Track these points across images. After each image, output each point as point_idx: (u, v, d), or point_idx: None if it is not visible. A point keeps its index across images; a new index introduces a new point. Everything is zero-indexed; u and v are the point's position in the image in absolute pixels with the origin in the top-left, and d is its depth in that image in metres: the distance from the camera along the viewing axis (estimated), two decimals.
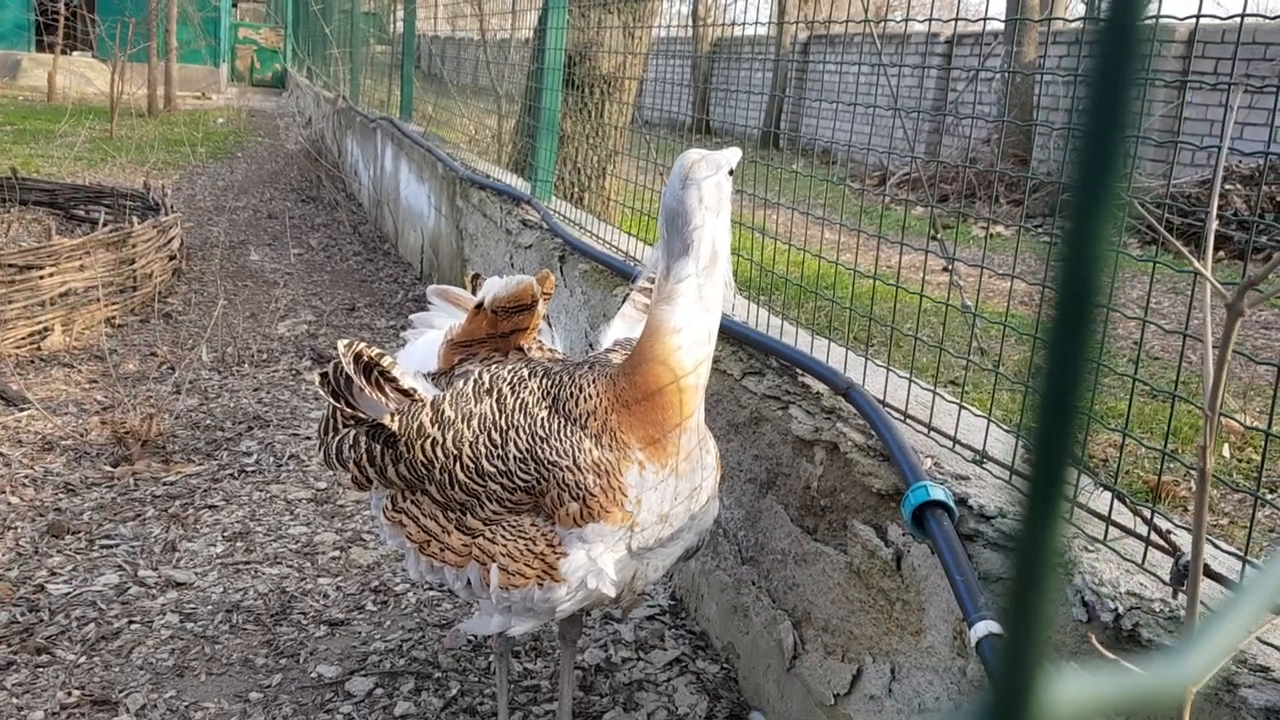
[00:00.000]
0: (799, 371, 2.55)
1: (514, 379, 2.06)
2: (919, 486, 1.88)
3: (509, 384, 2.05)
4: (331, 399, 2.14)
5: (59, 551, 3.16)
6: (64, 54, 17.45)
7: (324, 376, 2.17)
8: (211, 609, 2.91)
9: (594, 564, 1.96)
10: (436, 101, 9.49)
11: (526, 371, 2.08)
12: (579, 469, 1.92)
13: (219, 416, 4.31)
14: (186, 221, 7.58)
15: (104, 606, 2.88)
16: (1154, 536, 1.64)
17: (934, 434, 2.18)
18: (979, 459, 2.07)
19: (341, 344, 2.13)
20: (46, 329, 4.95)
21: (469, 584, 2.04)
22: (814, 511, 2.34)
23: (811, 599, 2.32)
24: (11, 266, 4.79)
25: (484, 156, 7.19)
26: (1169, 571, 1.58)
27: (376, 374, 2.11)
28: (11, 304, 4.78)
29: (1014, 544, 0.35)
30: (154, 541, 3.25)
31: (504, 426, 1.99)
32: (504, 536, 1.99)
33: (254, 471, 3.81)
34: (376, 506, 2.20)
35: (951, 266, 2.19)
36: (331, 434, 2.18)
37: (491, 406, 2.02)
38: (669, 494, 1.97)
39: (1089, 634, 1.48)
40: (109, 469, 3.74)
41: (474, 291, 2.47)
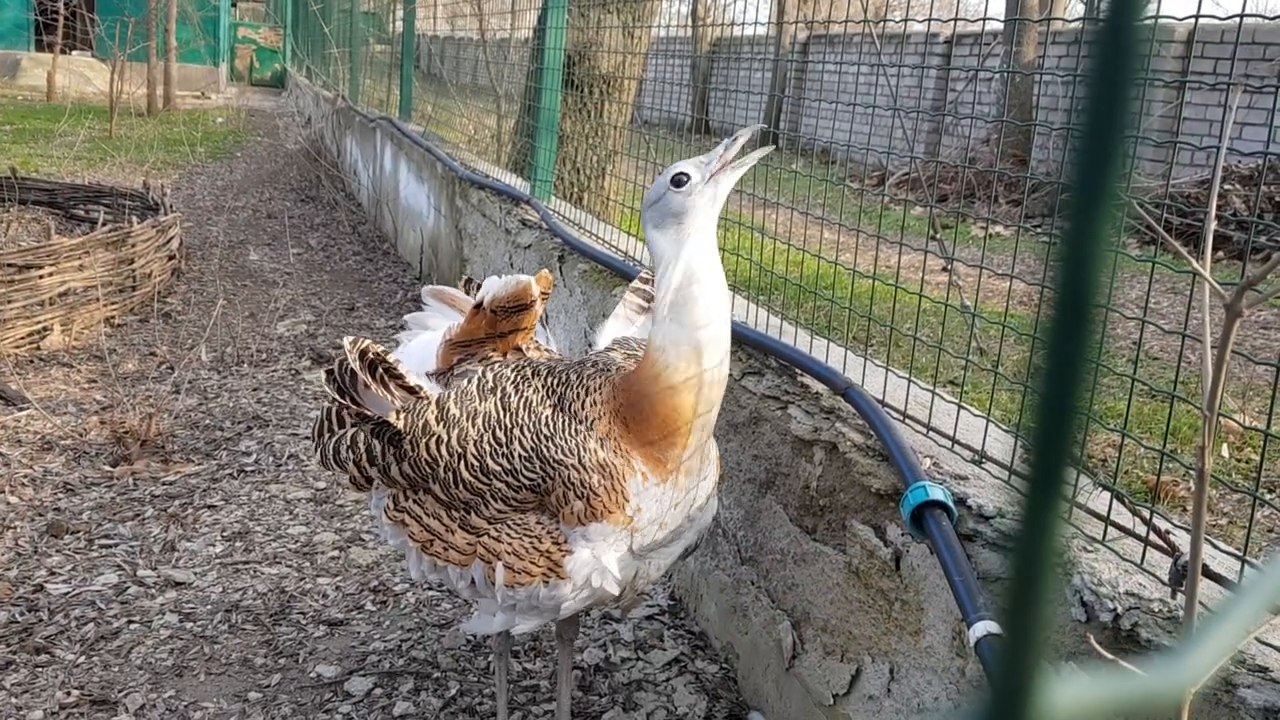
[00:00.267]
0: (798, 371, 2.55)
1: (518, 378, 2.07)
2: (918, 486, 1.88)
3: (513, 382, 2.06)
4: (337, 395, 2.14)
5: (58, 551, 3.16)
6: (63, 53, 17.44)
7: (329, 373, 2.17)
8: (211, 609, 2.90)
9: (598, 562, 1.96)
10: (436, 101, 9.49)
11: (530, 370, 2.08)
12: (584, 468, 1.92)
13: (218, 416, 4.31)
14: (186, 221, 7.58)
15: (103, 606, 2.88)
16: (1153, 536, 1.64)
17: (933, 434, 2.18)
18: (978, 459, 2.07)
19: (347, 341, 2.13)
20: (46, 329, 4.95)
21: (473, 583, 2.04)
22: (813, 511, 2.34)
23: (810, 599, 2.32)
24: (11, 266, 4.78)
25: (483, 156, 7.19)
26: (1168, 571, 1.58)
27: (382, 371, 2.11)
28: (11, 304, 4.78)
29: (1013, 544, 0.35)
30: (153, 541, 3.25)
31: (509, 425, 1.99)
32: (509, 535, 1.99)
33: (253, 471, 3.81)
34: (377, 506, 2.19)
35: (951, 266, 2.19)
36: (328, 434, 2.17)
37: (496, 405, 2.02)
38: (668, 502, 1.98)
39: (1088, 634, 1.48)
40: (108, 469, 3.73)
41: (468, 293, 2.48)
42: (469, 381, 2.09)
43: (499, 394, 2.04)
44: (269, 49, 26.61)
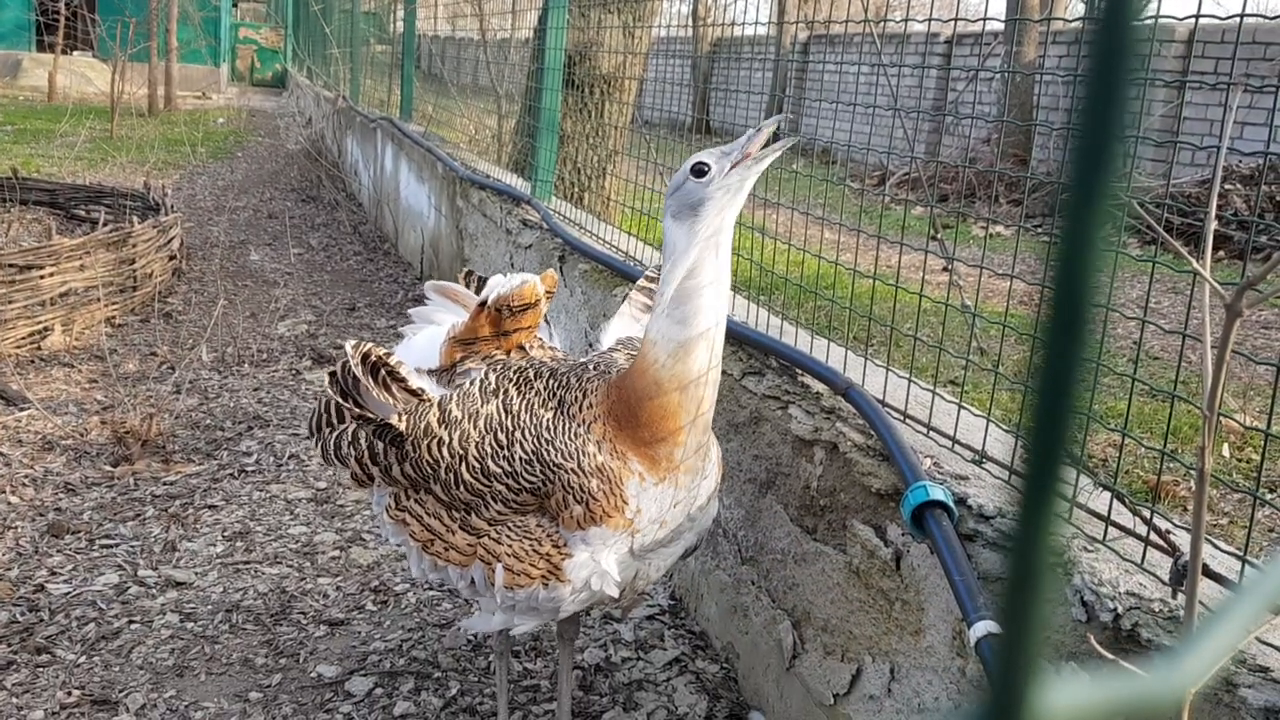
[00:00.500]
0: (799, 371, 2.55)
1: (520, 380, 2.07)
2: (918, 486, 1.88)
3: (515, 385, 2.06)
4: (339, 398, 2.14)
5: (59, 551, 3.16)
6: (64, 54, 17.45)
7: (332, 375, 2.17)
8: (211, 609, 2.91)
9: (598, 565, 1.96)
10: (436, 101, 9.49)
11: (532, 373, 2.08)
12: (583, 472, 1.92)
13: (219, 416, 4.31)
14: (186, 221, 7.58)
15: (104, 606, 2.88)
16: (1153, 536, 1.64)
17: (933, 434, 2.18)
18: (978, 459, 2.07)
19: (349, 345, 2.13)
20: (46, 329, 4.95)
21: (472, 583, 2.04)
22: (813, 511, 2.34)
23: (811, 599, 2.32)
24: (12, 266, 4.79)
25: (484, 156, 7.19)
26: (1168, 571, 1.58)
27: (384, 374, 2.11)
28: (12, 304, 4.78)
29: (1012, 544, 0.35)
30: (154, 541, 3.25)
31: (510, 428, 1.99)
32: (509, 537, 1.99)
33: (254, 471, 3.81)
34: (379, 504, 2.20)
35: (951, 266, 2.19)
36: (328, 429, 2.17)
37: (498, 407, 2.02)
38: (668, 502, 1.98)
39: (1088, 634, 1.48)
40: (109, 469, 3.74)
41: (468, 286, 2.48)
42: (471, 383, 2.09)
43: (501, 396, 2.04)
44: (270, 49, 26.62)
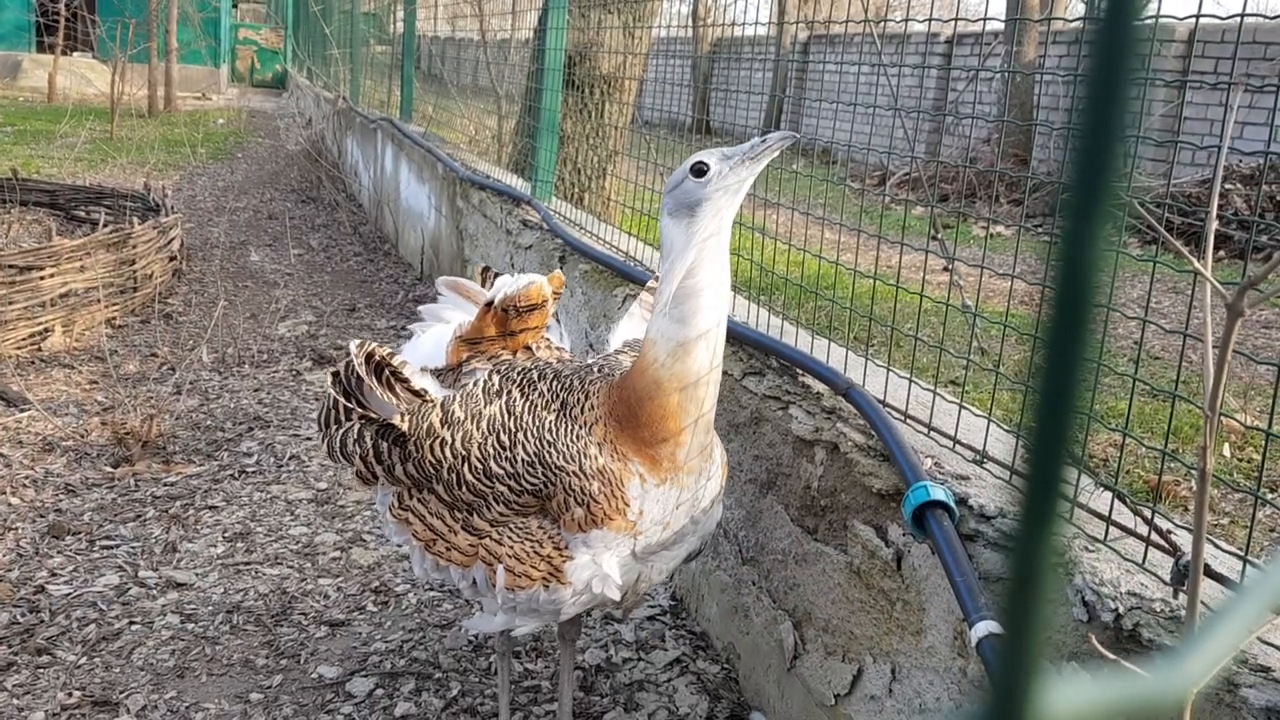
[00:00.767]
0: (799, 372, 2.55)
1: (523, 381, 2.06)
2: (919, 486, 1.88)
3: (518, 386, 2.05)
4: (343, 399, 2.14)
5: (59, 552, 3.16)
6: (64, 55, 17.45)
7: (335, 376, 2.17)
8: (212, 610, 2.91)
9: (599, 568, 1.96)
10: (436, 102, 9.49)
11: (536, 374, 2.08)
12: (585, 475, 1.92)
13: (219, 417, 4.31)
14: (187, 222, 7.58)
15: (104, 607, 2.88)
16: (1154, 536, 1.64)
17: (934, 434, 2.18)
18: (979, 459, 2.07)
19: (353, 344, 2.13)
20: (47, 330, 4.95)
21: (474, 583, 2.04)
22: (814, 511, 2.34)
23: (812, 599, 2.32)
24: (12, 267, 4.79)
25: (484, 157, 7.19)
26: (1169, 571, 1.58)
27: (388, 374, 2.11)
28: (12, 305, 4.78)
29: (1013, 544, 0.35)
30: (154, 542, 3.25)
31: (513, 429, 1.99)
32: (510, 538, 1.99)
33: (254, 472, 3.81)
34: (382, 503, 2.20)
35: (951, 266, 2.19)
36: (335, 426, 2.17)
37: (501, 408, 2.02)
38: (671, 503, 1.97)
39: (1089, 634, 1.48)
40: (109, 470, 3.74)
41: (484, 284, 2.47)
42: (474, 384, 2.09)
43: (505, 398, 2.04)
44: (270, 50, 26.63)
